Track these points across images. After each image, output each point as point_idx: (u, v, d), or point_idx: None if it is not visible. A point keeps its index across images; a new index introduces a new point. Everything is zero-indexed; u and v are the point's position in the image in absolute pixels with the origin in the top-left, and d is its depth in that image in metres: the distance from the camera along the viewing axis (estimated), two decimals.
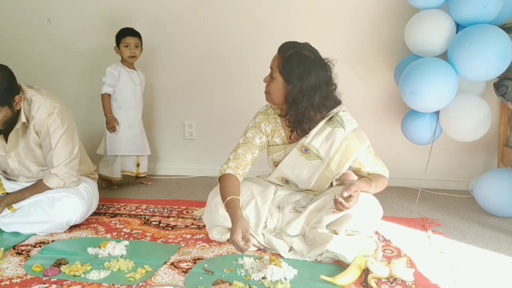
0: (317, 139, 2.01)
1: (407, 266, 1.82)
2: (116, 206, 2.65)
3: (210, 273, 1.77)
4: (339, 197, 1.85)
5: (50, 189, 2.23)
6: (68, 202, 2.21)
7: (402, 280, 1.72)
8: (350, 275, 1.71)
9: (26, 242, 2.13)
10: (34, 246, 2.08)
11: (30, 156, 2.27)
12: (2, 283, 1.72)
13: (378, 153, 2.11)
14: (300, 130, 2.03)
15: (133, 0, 3.29)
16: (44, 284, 1.71)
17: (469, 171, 2.99)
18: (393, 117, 3.02)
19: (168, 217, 2.46)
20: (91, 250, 1.97)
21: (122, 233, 2.23)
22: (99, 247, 1.98)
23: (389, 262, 1.80)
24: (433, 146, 2.71)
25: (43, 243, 2.10)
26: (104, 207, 2.62)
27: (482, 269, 1.86)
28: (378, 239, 2.03)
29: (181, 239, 2.15)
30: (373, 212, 2.00)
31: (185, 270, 1.81)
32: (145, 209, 2.60)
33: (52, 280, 1.74)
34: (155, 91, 3.37)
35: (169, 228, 2.30)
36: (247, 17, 3.16)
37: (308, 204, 2.08)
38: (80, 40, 3.41)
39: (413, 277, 1.73)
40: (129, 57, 2.97)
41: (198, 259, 1.91)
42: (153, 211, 2.56)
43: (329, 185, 2.14)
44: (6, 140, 2.23)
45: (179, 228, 2.29)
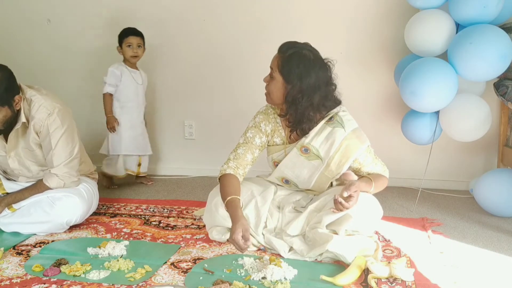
0: (317, 139, 2.01)
1: (407, 266, 1.82)
2: (116, 206, 2.65)
3: (210, 273, 1.77)
4: (339, 197, 1.85)
5: (50, 189, 2.23)
6: (68, 202, 2.21)
7: (402, 280, 1.72)
8: (350, 275, 1.71)
9: (26, 242, 2.13)
10: (34, 246, 2.08)
11: (30, 156, 2.27)
12: (2, 283, 1.72)
13: (378, 153, 2.11)
14: (300, 130, 2.03)
15: (133, 0, 3.29)
16: (44, 284, 1.71)
17: (469, 171, 2.99)
18: (393, 117, 3.02)
19: (168, 217, 2.46)
20: (91, 250, 1.97)
21: (122, 233, 2.23)
22: (99, 247, 1.98)
23: (389, 262, 1.80)
24: (433, 146, 2.71)
25: (43, 243, 2.10)
26: (104, 207, 2.62)
27: (482, 269, 1.86)
28: (378, 239, 2.03)
29: (181, 239, 2.15)
30: (373, 212, 1.99)
31: (185, 270, 1.81)
32: (145, 209, 2.60)
33: (52, 280, 1.74)
34: (155, 91, 3.37)
35: (169, 228, 2.30)
36: (247, 17, 3.16)
37: (308, 204, 2.08)
38: (80, 40, 3.41)
39: (413, 277, 1.73)
40: (132, 57, 2.97)
41: (198, 259, 1.91)
42: (153, 211, 2.56)
43: (329, 185, 2.14)
44: (6, 140, 2.23)
45: (179, 228, 2.29)
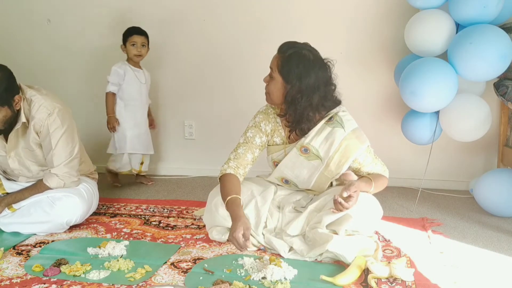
0: (317, 139, 2.01)
1: (407, 266, 1.82)
2: (116, 206, 2.65)
3: (210, 273, 1.77)
4: (339, 197, 1.85)
5: (50, 189, 2.23)
6: (68, 202, 2.21)
7: (402, 280, 1.72)
8: (350, 275, 1.71)
9: (26, 242, 2.13)
10: (34, 246, 2.08)
11: (30, 156, 2.27)
12: (2, 283, 1.72)
13: (378, 153, 2.11)
14: (299, 130, 2.03)
15: (133, 0, 3.29)
16: (44, 284, 1.71)
17: (469, 171, 2.99)
18: (393, 117, 3.02)
19: (168, 217, 2.46)
20: (91, 250, 1.97)
21: (122, 233, 2.23)
22: (99, 247, 1.98)
23: (389, 262, 1.80)
24: (433, 146, 2.71)
25: (43, 243, 2.10)
26: (104, 207, 2.62)
27: (482, 269, 1.86)
28: (378, 239, 2.03)
29: (181, 239, 2.15)
30: (373, 212, 1.99)
31: (185, 270, 1.81)
32: (145, 209, 2.60)
33: (52, 280, 1.74)
34: (155, 91, 3.36)
35: (169, 228, 2.30)
36: (247, 17, 3.16)
37: (308, 204, 2.08)
38: (80, 40, 3.41)
39: (413, 277, 1.73)
40: (135, 56, 2.97)
41: (198, 259, 1.91)
42: (153, 211, 2.56)
43: (329, 185, 2.14)
44: (6, 140, 2.23)
45: (179, 228, 2.29)
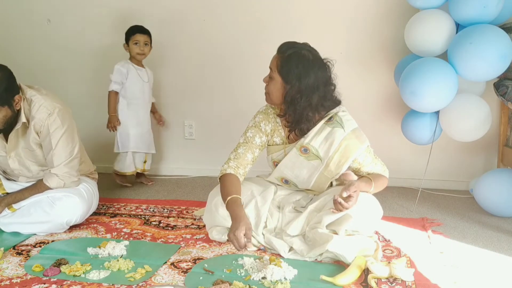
0: (316, 139, 2.01)
1: (407, 266, 1.82)
2: (116, 206, 2.65)
3: (210, 273, 1.77)
4: (339, 198, 1.85)
5: (50, 189, 2.23)
6: (68, 202, 2.21)
7: (402, 280, 1.72)
8: (350, 275, 1.71)
9: (26, 242, 2.13)
10: (34, 246, 2.08)
11: (30, 156, 2.27)
12: (2, 283, 1.72)
13: (378, 153, 2.11)
14: (299, 130, 2.03)
15: (133, 0, 3.29)
16: (44, 284, 1.71)
17: (469, 171, 2.99)
18: (393, 117, 3.02)
19: (168, 217, 2.46)
20: (91, 250, 1.97)
21: (122, 233, 2.23)
22: (99, 247, 1.98)
23: (389, 262, 1.80)
24: (433, 146, 2.71)
25: (43, 243, 2.10)
26: (104, 207, 2.62)
27: (482, 269, 1.86)
28: (378, 239, 2.03)
29: (181, 239, 2.15)
30: (373, 212, 1.99)
31: (185, 270, 1.81)
32: (145, 209, 2.60)
33: (52, 280, 1.74)
34: (155, 91, 3.36)
35: (169, 228, 2.30)
36: (247, 17, 3.16)
37: (308, 204, 2.08)
38: (80, 40, 3.41)
39: (413, 277, 1.73)
40: (138, 54, 2.96)
41: (198, 259, 1.91)
42: (153, 211, 2.56)
43: (329, 185, 2.14)
44: (6, 140, 2.23)
45: (179, 228, 2.29)
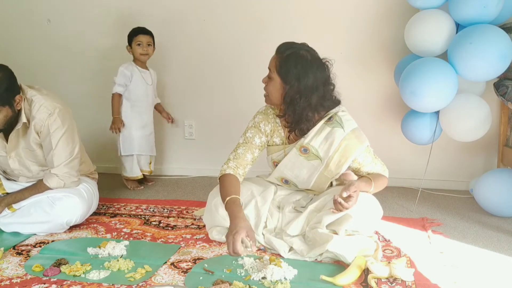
0: (316, 139, 2.01)
1: (407, 266, 1.82)
2: (116, 206, 2.65)
3: (210, 273, 1.77)
4: (339, 198, 1.85)
5: (50, 189, 2.23)
6: (68, 202, 2.21)
7: (402, 280, 1.72)
8: (350, 275, 1.71)
9: (26, 242, 2.13)
10: (34, 246, 2.08)
11: (31, 156, 2.27)
12: (2, 283, 1.72)
13: (378, 153, 2.11)
14: (299, 131, 2.03)
15: (133, 0, 3.29)
16: (44, 284, 1.71)
17: (469, 171, 2.99)
18: (393, 117, 3.02)
19: (168, 217, 2.46)
20: (91, 250, 1.97)
21: (122, 233, 2.23)
22: (99, 247, 1.98)
23: (389, 262, 1.80)
24: (433, 146, 2.71)
25: (43, 243, 2.11)
26: (104, 207, 2.62)
27: (482, 269, 1.86)
28: (378, 239, 2.03)
29: (181, 239, 2.15)
30: (373, 212, 1.99)
31: (185, 270, 1.81)
32: (145, 209, 2.60)
33: (52, 280, 1.74)
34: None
35: (169, 228, 2.30)
36: (247, 17, 3.16)
37: (308, 204, 2.08)
38: (80, 40, 3.41)
39: (413, 277, 1.73)
40: (141, 55, 2.95)
41: (198, 259, 1.91)
42: (153, 211, 2.56)
43: (329, 185, 2.14)
44: (7, 140, 2.23)
45: (179, 228, 2.29)
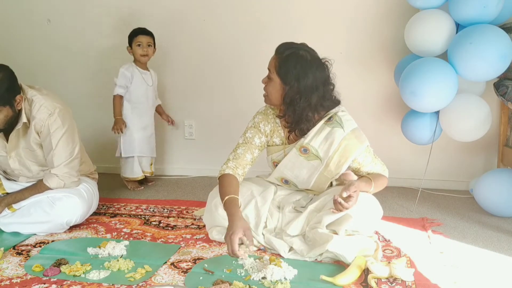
0: (316, 139, 2.01)
1: (407, 266, 1.82)
2: (116, 206, 2.65)
3: (210, 273, 1.77)
4: (339, 198, 1.85)
5: (50, 189, 2.23)
6: (68, 202, 2.21)
7: (402, 280, 1.72)
8: (350, 275, 1.71)
9: (26, 242, 2.13)
10: (34, 246, 2.08)
11: (31, 156, 2.27)
12: (2, 283, 1.72)
13: (378, 153, 2.11)
14: (299, 131, 2.03)
15: (133, 0, 3.29)
16: (44, 284, 1.71)
17: (469, 171, 2.99)
18: (393, 117, 3.02)
19: (168, 217, 2.46)
20: (91, 250, 1.97)
21: (122, 233, 2.23)
22: (99, 247, 1.98)
23: (389, 262, 1.80)
24: (433, 146, 2.71)
25: (43, 243, 2.11)
26: (104, 207, 2.62)
27: (482, 269, 1.86)
28: (378, 239, 2.03)
29: (181, 239, 2.15)
30: (373, 212, 2.00)
31: (185, 270, 1.81)
32: (145, 209, 2.60)
33: (52, 280, 1.74)
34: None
35: (169, 228, 2.30)
36: (247, 17, 3.16)
37: (308, 204, 2.08)
38: (80, 40, 3.41)
39: (413, 277, 1.73)
40: (141, 56, 2.95)
41: (198, 259, 1.91)
42: (153, 211, 2.56)
43: (329, 185, 2.14)
44: (7, 140, 2.23)
45: (179, 228, 2.30)
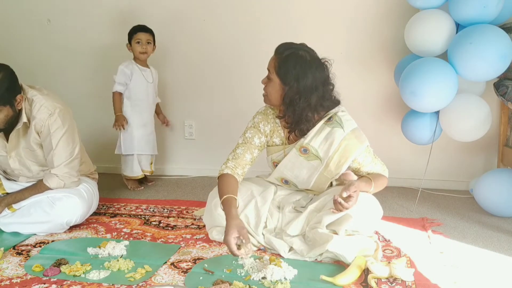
0: (316, 140, 2.01)
1: (407, 266, 1.82)
2: (116, 206, 2.66)
3: (210, 273, 1.77)
4: (339, 198, 1.85)
5: (50, 189, 2.23)
6: (68, 202, 2.21)
7: (402, 280, 1.72)
8: (350, 275, 1.71)
9: (26, 242, 2.13)
10: (34, 246, 2.08)
11: (31, 156, 2.27)
12: (2, 283, 1.72)
13: (378, 153, 2.11)
14: (298, 131, 2.03)
15: (133, 0, 3.29)
16: (44, 284, 1.71)
17: (469, 171, 2.99)
18: (393, 117, 3.02)
19: (168, 217, 2.46)
20: (91, 250, 1.97)
21: (122, 233, 2.23)
22: (99, 247, 1.98)
23: (389, 262, 1.80)
24: (433, 146, 2.71)
25: (43, 243, 2.11)
26: (104, 207, 2.62)
27: (482, 269, 1.86)
28: (378, 239, 2.03)
29: (181, 239, 2.15)
30: (373, 212, 2.00)
31: (185, 270, 1.81)
32: (145, 209, 2.60)
33: (52, 280, 1.74)
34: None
35: (169, 228, 2.30)
36: (247, 17, 3.16)
37: (308, 204, 2.08)
38: (80, 40, 3.41)
39: (413, 277, 1.73)
40: (141, 53, 2.94)
41: (198, 259, 1.91)
42: (153, 211, 2.56)
43: (329, 185, 2.14)
44: (7, 140, 2.23)
45: (179, 228, 2.30)
